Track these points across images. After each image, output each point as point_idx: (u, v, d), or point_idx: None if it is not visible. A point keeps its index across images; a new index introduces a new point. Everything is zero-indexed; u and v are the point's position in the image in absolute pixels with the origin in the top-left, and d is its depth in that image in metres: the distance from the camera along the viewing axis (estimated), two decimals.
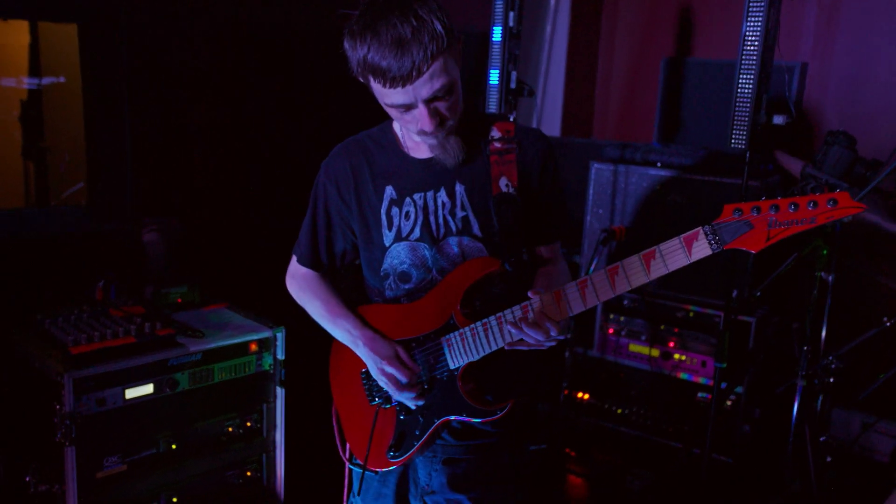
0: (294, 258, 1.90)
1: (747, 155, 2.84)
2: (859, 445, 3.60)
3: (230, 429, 2.59)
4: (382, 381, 1.72)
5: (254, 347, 2.61)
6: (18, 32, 3.02)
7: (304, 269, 1.89)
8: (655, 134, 4.03)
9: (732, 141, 2.83)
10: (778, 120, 2.83)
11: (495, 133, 1.70)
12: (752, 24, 2.75)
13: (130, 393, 2.32)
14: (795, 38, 4.05)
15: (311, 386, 2.27)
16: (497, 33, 3.39)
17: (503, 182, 1.66)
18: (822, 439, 2.94)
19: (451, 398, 1.68)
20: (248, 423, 2.64)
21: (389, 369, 1.69)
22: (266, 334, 2.64)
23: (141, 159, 3.00)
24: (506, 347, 1.60)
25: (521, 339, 1.57)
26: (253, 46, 3.29)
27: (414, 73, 1.47)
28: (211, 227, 3.25)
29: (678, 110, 3.94)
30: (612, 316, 3.61)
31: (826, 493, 2.96)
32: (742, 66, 2.81)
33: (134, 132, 2.95)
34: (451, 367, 1.68)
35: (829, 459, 2.96)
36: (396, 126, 1.75)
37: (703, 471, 3.02)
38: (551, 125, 4.82)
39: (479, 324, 1.63)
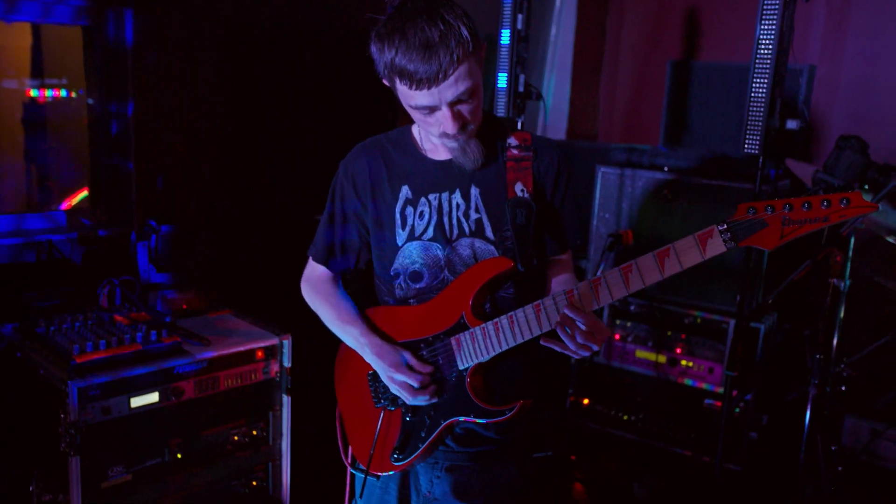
0: (310, 258, 1.89)
1: (761, 160, 2.80)
2: (868, 453, 3.57)
3: (236, 437, 2.56)
4: (394, 389, 1.71)
5: (260, 355, 2.58)
6: (20, 35, 2.98)
7: (318, 273, 1.88)
8: (661, 137, 4.00)
9: (746, 146, 2.79)
10: (791, 125, 2.79)
11: (512, 141, 1.72)
12: (766, 26, 2.70)
13: (136, 401, 2.28)
14: (803, 40, 4.02)
15: (318, 393, 2.24)
16: (505, 36, 3.35)
17: (518, 187, 1.68)
18: (832, 448, 2.91)
19: (459, 399, 1.68)
20: (254, 432, 2.61)
21: (399, 377, 1.68)
22: (272, 341, 2.61)
23: (145, 163, 2.96)
24: (541, 342, 1.58)
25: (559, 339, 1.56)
26: (260, 49, 3.26)
27: (440, 76, 1.49)
28: (215, 233, 3.21)
29: (684, 113, 3.91)
30: (618, 322, 3.58)
31: (838, 502, 2.93)
32: (756, 69, 2.76)
33: (137, 136, 2.92)
34: (461, 367, 1.67)
35: (839, 469, 2.94)
36: (415, 129, 1.77)
37: (717, 479, 2.99)
38: (557, 128, 4.79)
39: (489, 323, 1.63)
